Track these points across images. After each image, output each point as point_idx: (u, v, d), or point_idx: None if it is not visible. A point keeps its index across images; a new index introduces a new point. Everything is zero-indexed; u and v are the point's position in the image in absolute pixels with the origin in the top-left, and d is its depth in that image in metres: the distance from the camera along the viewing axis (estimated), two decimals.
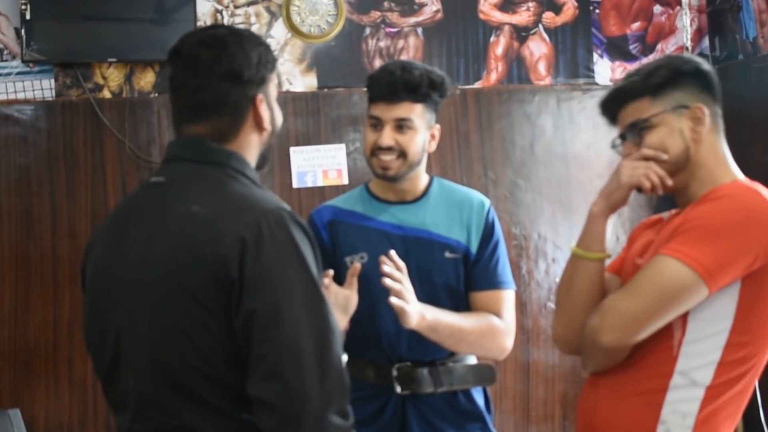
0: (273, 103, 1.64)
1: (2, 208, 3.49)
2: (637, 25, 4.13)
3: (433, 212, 2.26)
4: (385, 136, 2.19)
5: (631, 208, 3.95)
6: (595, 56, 4.09)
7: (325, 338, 1.43)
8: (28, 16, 3.40)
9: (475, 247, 2.25)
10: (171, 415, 1.47)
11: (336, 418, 1.41)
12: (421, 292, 2.13)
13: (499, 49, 4.00)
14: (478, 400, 2.28)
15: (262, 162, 1.66)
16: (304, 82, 3.80)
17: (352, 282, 2.10)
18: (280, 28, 3.79)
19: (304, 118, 3.77)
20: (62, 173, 3.55)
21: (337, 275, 2.15)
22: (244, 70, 1.56)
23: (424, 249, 2.22)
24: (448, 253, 2.23)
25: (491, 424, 2.30)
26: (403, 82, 2.17)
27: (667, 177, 1.75)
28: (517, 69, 4.02)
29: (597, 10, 4.10)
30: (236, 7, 3.75)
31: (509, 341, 2.26)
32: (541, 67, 4.04)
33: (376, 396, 2.22)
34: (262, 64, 1.59)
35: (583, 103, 4.03)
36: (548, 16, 4.05)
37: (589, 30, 4.09)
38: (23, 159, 3.52)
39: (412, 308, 2.06)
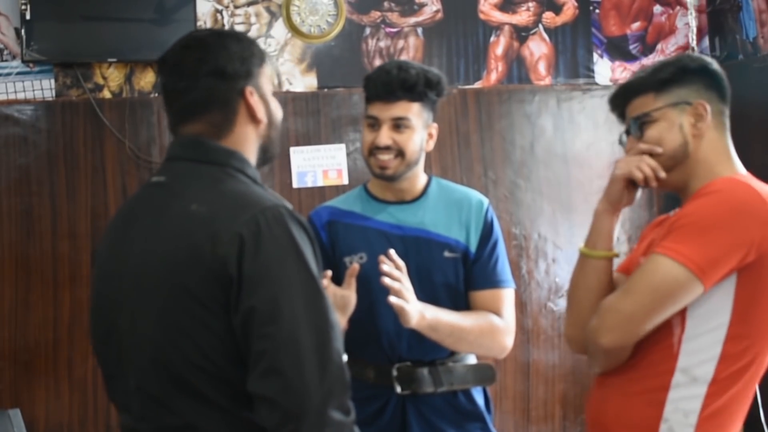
0: (268, 96, 1.66)
1: (2, 208, 3.50)
2: (637, 25, 4.13)
3: (432, 212, 2.26)
4: (383, 136, 2.19)
5: (631, 208, 3.93)
6: (595, 56, 4.09)
7: (325, 334, 1.44)
8: (28, 16, 3.40)
9: (474, 247, 2.25)
10: (174, 413, 1.48)
11: (337, 414, 1.41)
12: (421, 292, 2.13)
13: (499, 49, 4.00)
14: (478, 399, 2.28)
15: (264, 156, 1.67)
16: (304, 82, 3.80)
17: (351, 282, 2.10)
18: (280, 28, 3.79)
19: (304, 118, 3.77)
20: (62, 173, 3.55)
21: (337, 276, 2.15)
22: (227, 65, 1.59)
23: (424, 249, 2.23)
24: (447, 253, 2.23)
25: (491, 424, 2.30)
26: (399, 81, 2.18)
27: (659, 169, 1.77)
28: (517, 69, 4.02)
29: (597, 10, 4.10)
30: (236, 7, 3.75)
31: (509, 340, 2.26)
32: (541, 67, 4.04)
33: (376, 396, 2.22)
34: (246, 58, 1.62)
35: (583, 103, 4.03)
36: (548, 16, 4.05)
37: (589, 30, 4.09)
38: (23, 159, 3.52)
39: (411, 307, 2.06)
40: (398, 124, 2.20)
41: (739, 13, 3.89)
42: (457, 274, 2.24)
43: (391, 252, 2.11)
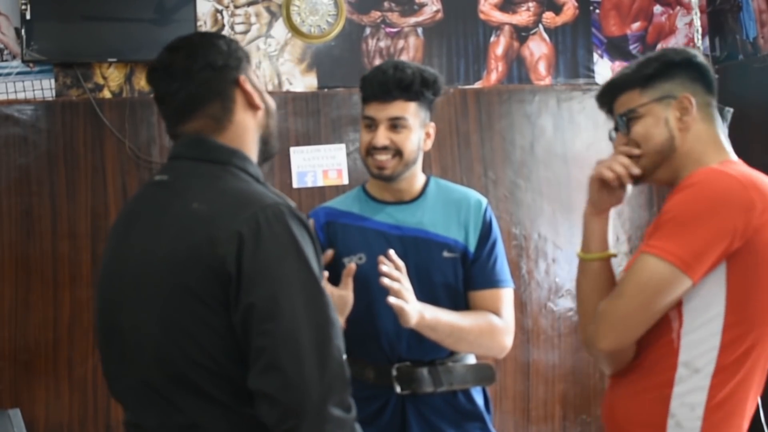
0: (260, 87, 1.67)
1: (2, 208, 3.50)
2: (637, 25, 4.14)
3: (431, 212, 2.26)
4: (380, 136, 2.19)
5: (631, 208, 3.96)
6: (596, 56, 4.09)
7: (325, 331, 1.44)
8: (28, 16, 3.40)
9: (473, 246, 2.25)
10: (176, 410, 1.49)
11: (337, 411, 1.42)
12: (420, 292, 2.13)
13: (499, 49, 4.00)
14: (478, 399, 2.28)
15: (265, 149, 1.68)
16: (304, 82, 3.80)
17: (348, 282, 2.11)
18: (280, 28, 3.79)
19: (304, 118, 3.77)
20: (62, 173, 3.56)
21: (336, 276, 2.15)
22: (218, 58, 1.61)
23: (422, 249, 2.22)
24: (446, 253, 2.23)
25: (491, 424, 2.30)
26: (395, 81, 2.18)
27: (632, 166, 1.78)
28: (517, 69, 4.02)
29: (597, 10, 4.10)
30: (236, 7, 3.75)
31: (509, 339, 2.26)
32: (541, 67, 4.04)
33: (376, 396, 2.21)
34: (234, 51, 1.64)
35: (583, 103, 4.03)
36: (548, 16, 4.05)
37: (589, 30, 4.09)
38: (23, 159, 3.52)
39: (411, 307, 2.06)
40: (395, 124, 2.20)
41: (739, 13, 3.89)
42: (456, 274, 2.24)
43: (391, 252, 2.11)
